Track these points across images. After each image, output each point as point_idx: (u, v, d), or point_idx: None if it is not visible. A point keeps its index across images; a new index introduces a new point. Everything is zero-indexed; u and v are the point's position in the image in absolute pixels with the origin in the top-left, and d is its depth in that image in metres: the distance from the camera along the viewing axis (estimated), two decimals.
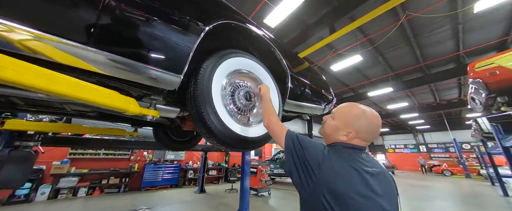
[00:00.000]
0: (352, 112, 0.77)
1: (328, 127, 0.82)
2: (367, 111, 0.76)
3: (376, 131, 0.76)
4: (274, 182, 8.56)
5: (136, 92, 0.94)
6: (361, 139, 0.75)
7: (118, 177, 6.49)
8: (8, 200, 4.69)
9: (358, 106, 0.79)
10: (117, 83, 0.83)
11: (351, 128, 0.74)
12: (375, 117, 0.76)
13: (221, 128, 0.91)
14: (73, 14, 0.64)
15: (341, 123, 0.77)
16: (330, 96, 2.05)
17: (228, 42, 1.23)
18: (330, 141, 0.81)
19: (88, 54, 0.65)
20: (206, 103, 0.88)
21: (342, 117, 0.79)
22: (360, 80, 10.58)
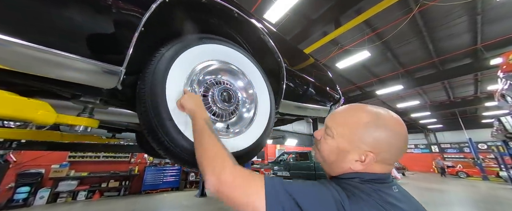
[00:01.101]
0: (360, 120, 0.48)
1: (326, 150, 0.52)
2: (383, 116, 0.48)
3: (404, 145, 0.48)
4: None
5: (66, 93, 0.68)
6: (384, 163, 0.47)
7: (118, 180, 6.38)
8: (6, 205, 4.63)
9: (366, 108, 0.50)
10: (21, 80, 0.57)
11: (365, 146, 0.46)
12: (398, 123, 0.48)
13: (183, 145, 0.64)
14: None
15: (346, 141, 0.48)
16: (336, 95, 1.75)
17: (204, 26, 0.95)
18: (334, 173, 0.51)
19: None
20: (157, 109, 0.61)
21: (345, 130, 0.49)
22: (368, 77, 10.08)
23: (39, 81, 0.57)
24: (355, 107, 0.52)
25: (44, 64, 0.51)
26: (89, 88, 0.62)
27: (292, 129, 14.85)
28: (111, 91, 0.69)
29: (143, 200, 5.79)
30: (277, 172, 8.44)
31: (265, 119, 0.96)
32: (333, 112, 0.55)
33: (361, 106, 0.52)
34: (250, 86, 0.95)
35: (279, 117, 1.46)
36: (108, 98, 0.73)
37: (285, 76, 1.14)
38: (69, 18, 0.53)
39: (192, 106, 0.62)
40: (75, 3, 0.54)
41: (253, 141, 0.88)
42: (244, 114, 0.91)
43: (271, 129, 0.99)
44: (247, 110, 0.92)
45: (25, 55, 0.48)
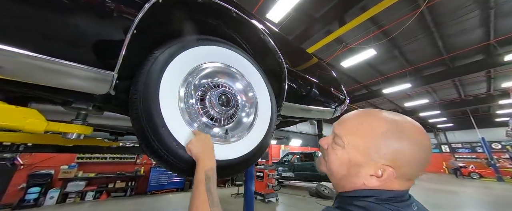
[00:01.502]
0: (376, 129, 0.41)
1: (335, 163, 0.45)
2: (403, 124, 0.41)
3: (428, 158, 0.41)
4: (282, 186, 8.17)
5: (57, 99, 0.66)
6: (404, 178, 0.40)
7: (125, 181, 6.48)
8: (18, 205, 4.78)
9: (382, 115, 0.43)
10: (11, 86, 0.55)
11: (383, 159, 0.39)
12: (421, 132, 0.41)
13: (178, 153, 0.61)
14: None
15: (360, 153, 0.42)
16: (341, 95, 1.68)
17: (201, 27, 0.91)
18: (345, 188, 0.45)
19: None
20: (150, 115, 0.58)
21: (358, 140, 0.42)
22: (374, 76, 9.84)
23: (26, 88, 0.55)
24: (369, 113, 0.45)
25: (30, 69, 0.48)
26: (80, 94, 0.60)
27: (296, 129, 14.70)
28: (105, 97, 0.67)
29: (149, 201, 5.85)
30: (282, 172, 8.36)
31: (266, 122, 0.91)
32: (343, 118, 0.48)
33: (376, 112, 0.45)
34: (249, 88, 0.91)
35: (282, 119, 1.41)
36: (101, 104, 0.71)
37: (287, 77, 1.10)
38: (55, 22, 0.50)
39: (198, 151, 0.60)
40: (62, 6, 0.51)
41: (253, 147, 0.84)
42: (243, 118, 0.87)
43: (272, 133, 0.95)
44: (246, 114, 0.89)
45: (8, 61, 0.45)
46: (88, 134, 0.67)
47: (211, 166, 0.58)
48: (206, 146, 0.63)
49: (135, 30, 0.62)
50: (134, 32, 0.61)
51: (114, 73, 0.59)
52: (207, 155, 0.61)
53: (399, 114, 0.44)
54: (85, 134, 0.66)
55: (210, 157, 0.61)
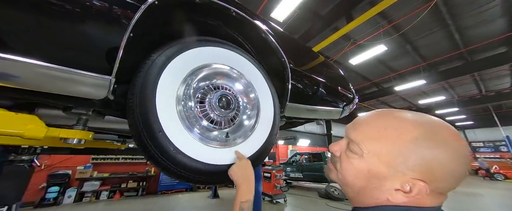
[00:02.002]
0: (405, 135, 0.34)
1: (350, 173, 0.39)
2: (438, 128, 0.34)
3: (466, 170, 0.34)
4: (290, 187, 8.06)
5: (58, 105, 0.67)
6: (437, 192, 0.34)
7: (136, 181, 6.69)
8: (39, 203, 5.07)
9: (409, 117, 0.36)
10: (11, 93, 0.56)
11: (412, 172, 0.33)
12: (459, 139, 0.34)
13: (176, 158, 0.59)
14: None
15: (383, 164, 0.35)
16: (349, 94, 1.60)
17: (201, 28, 0.90)
18: (363, 203, 0.38)
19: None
20: (146, 119, 0.57)
21: (380, 148, 0.36)
22: (385, 73, 9.46)
23: (28, 94, 0.56)
24: (392, 114, 0.38)
25: (38, 78, 0.49)
26: (80, 99, 0.60)
27: (304, 129, 14.48)
28: (104, 101, 0.66)
29: (159, 201, 6.00)
30: (290, 173, 8.25)
31: (268, 124, 0.88)
32: (359, 121, 0.41)
33: (400, 113, 0.37)
34: (250, 89, 0.88)
35: (287, 120, 1.37)
36: (101, 109, 0.71)
37: (290, 76, 1.05)
38: (55, 30, 0.50)
39: (238, 179, 0.63)
40: (58, 11, 0.51)
41: (256, 149, 0.81)
42: (245, 121, 0.84)
43: (276, 135, 0.91)
44: (248, 116, 0.86)
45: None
46: (88, 139, 0.67)
47: (248, 198, 0.58)
48: (246, 174, 0.64)
49: (131, 34, 0.61)
50: (130, 35, 0.60)
51: (112, 78, 0.58)
52: (245, 184, 0.61)
53: (428, 116, 0.37)
54: (86, 138, 0.66)
55: (249, 188, 0.61)
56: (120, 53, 0.59)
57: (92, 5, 0.54)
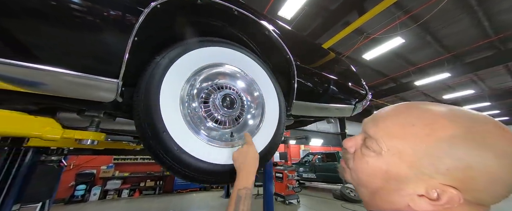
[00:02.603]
0: (437, 132, 0.29)
1: (365, 172, 0.35)
2: (479, 124, 0.28)
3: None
4: (303, 187, 7.90)
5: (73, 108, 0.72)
6: (475, 203, 0.28)
7: (154, 180, 7.03)
8: (69, 200, 5.54)
9: (444, 110, 0.31)
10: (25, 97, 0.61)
11: (441, 176, 0.28)
12: (508, 137, 0.27)
13: (180, 158, 0.60)
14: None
15: (406, 164, 0.30)
16: (362, 90, 1.52)
17: (204, 28, 0.91)
18: (378, 207, 0.34)
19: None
20: (151, 120, 0.58)
21: (404, 146, 0.31)
22: (403, 67, 8.88)
23: (47, 99, 0.60)
24: (423, 107, 0.32)
25: (60, 84, 0.53)
26: (91, 102, 0.63)
27: (316, 129, 14.10)
28: (114, 104, 0.70)
29: (175, 199, 6.23)
30: (303, 174, 8.09)
31: (274, 123, 0.86)
32: (380, 114, 0.36)
33: (434, 107, 0.32)
34: (255, 88, 0.87)
35: (295, 119, 1.34)
36: (112, 111, 0.74)
37: (297, 74, 1.03)
38: (60, 33, 0.54)
39: (238, 166, 0.62)
40: (66, 18, 0.55)
41: (261, 148, 0.79)
42: (249, 120, 0.83)
43: (282, 134, 0.89)
44: (252, 115, 0.85)
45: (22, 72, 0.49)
46: (101, 140, 0.71)
47: (245, 185, 0.57)
48: (246, 161, 0.62)
49: (136, 38, 0.63)
50: (135, 39, 0.62)
51: (119, 81, 0.61)
52: (245, 172, 0.60)
53: (468, 110, 0.30)
54: (98, 139, 0.70)
55: (248, 175, 0.60)
56: (126, 56, 0.61)
57: (100, 12, 0.58)
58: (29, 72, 0.50)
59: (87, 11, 0.56)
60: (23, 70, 0.49)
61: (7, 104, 0.73)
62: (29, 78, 0.50)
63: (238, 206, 0.51)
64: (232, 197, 0.54)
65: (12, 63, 0.48)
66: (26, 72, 0.50)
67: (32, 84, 0.52)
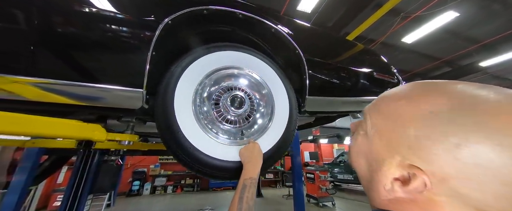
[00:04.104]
0: (420, 105, 0.24)
1: (352, 152, 0.33)
2: (483, 97, 0.21)
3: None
4: (339, 189, 7.33)
5: (114, 116, 0.88)
6: (467, 203, 0.21)
7: (192, 178, 7.74)
8: (128, 193, 6.64)
9: (441, 86, 0.25)
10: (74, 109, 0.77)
11: (413, 156, 0.23)
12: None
13: (195, 155, 0.67)
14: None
15: (384, 142, 0.27)
16: (392, 79, 1.34)
17: (214, 35, 0.98)
18: (371, 198, 0.30)
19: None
20: (168, 122, 0.67)
21: (387, 123, 0.28)
22: (460, 46, 7.28)
23: (91, 110, 0.76)
24: (423, 83, 0.28)
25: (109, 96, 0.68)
26: (124, 110, 0.77)
27: (349, 126, 12.88)
28: (143, 110, 0.82)
29: (210, 197, 6.71)
30: (337, 175, 7.52)
31: (284, 120, 0.86)
32: (385, 92, 0.33)
33: (437, 82, 0.27)
34: (263, 87, 0.88)
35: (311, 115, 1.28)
36: (142, 116, 0.88)
37: (309, 69, 0.99)
38: (107, 57, 0.68)
39: (244, 159, 0.69)
40: (110, 44, 0.69)
41: (272, 145, 0.80)
42: (258, 118, 0.85)
43: (293, 131, 0.87)
44: (262, 114, 0.86)
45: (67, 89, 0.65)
46: (135, 141, 0.85)
47: (251, 176, 0.62)
48: (252, 156, 0.68)
49: (153, 52, 0.73)
50: (153, 53, 0.73)
51: (143, 90, 0.72)
52: (250, 165, 0.66)
53: (486, 85, 0.23)
54: (133, 140, 0.84)
55: (253, 167, 0.65)
56: (146, 69, 0.72)
57: (129, 35, 0.71)
58: (87, 90, 0.65)
59: (122, 36, 0.70)
60: (84, 89, 0.65)
61: (74, 116, 0.95)
62: (86, 94, 0.66)
63: (243, 193, 0.56)
64: (239, 186, 0.59)
65: (78, 84, 0.64)
66: (85, 90, 0.65)
67: (89, 99, 0.67)
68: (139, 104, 0.74)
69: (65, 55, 0.66)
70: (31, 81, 0.62)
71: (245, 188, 0.58)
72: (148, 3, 0.78)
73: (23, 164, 2.21)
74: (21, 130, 0.61)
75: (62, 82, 0.64)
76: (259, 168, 0.66)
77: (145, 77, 0.72)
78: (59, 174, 5.26)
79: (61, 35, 0.65)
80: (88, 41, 0.67)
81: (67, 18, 0.66)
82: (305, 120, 1.58)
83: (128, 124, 0.86)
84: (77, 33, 0.66)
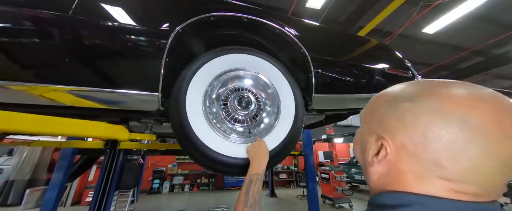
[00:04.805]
0: (386, 96, 0.32)
1: (354, 142, 0.37)
2: (445, 83, 0.27)
3: (498, 147, 0.21)
4: (357, 191, 7.02)
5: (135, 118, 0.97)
6: (438, 177, 0.23)
7: (207, 177, 7.99)
8: (149, 191, 7.08)
9: (412, 82, 0.31)
10: (101, 112, 0.87)
11: (381, 129, 0.29)
12: (480, 93, 0.24)
13: (205, 152, 0.72)
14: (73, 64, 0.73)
15: (366, 126, 0.34)
16: (406, 74, 1.28)
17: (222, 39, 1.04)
18: (378, 189, 0.30)
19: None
20: (180, 123, 0.73)
21: (372, 111, 0.33)
22: (492, 33, 6.54)
23: (115, 113, 0.86)
24: (404, 83, 0.33)
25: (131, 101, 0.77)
26: (143, 112, 0.85)
27: None
28: (160, 112, 0.90)
29: (225, 195, 6.87)
30: (354, 175, 7.22)
31: (290, 119, 0.88)
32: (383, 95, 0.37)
33: (412, 82, 0.32)
34: (268, 87, 0.92)
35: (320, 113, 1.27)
36: (159, 117, 0.96)
37: (314, 67, 1.00)
38: (129, 65, 0.78)
39: (250, 156, 0.74)
40: (130, 54, 0.77)
41: (278, 143, 0.83)
42: (265, 117, 0.88)
43: (300, 128, 0.89)
44: (268, 113, 0.90)
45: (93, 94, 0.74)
46: (153, 140, 0.94)
47: (256, 172, 0.66)
48: (258, 153, 0.72)
49: (167, 58, 0.80)
50: (166, 60, 0.80)
51: (159, 93, 0.79)
52: (256, 161, 0.70)
53: (447, 80, 0.28)
54: (152, 140, 0.93)
55: (259, 164, 0.69)
56: (161, 74, 0.79)
57: (146, 44, 0.80)
58: (111, 95, 0.74)
59: (140, 46, 0.80)
60: (107, 94, 0.74)
61: (101, 118, 1.07)
62: (110, 99, 0.75)
63: (249, 188, 0.60)
64: (246, 181, 0.63)
65: (104, 90, 0.73)
66: (109, 95, 0.74)
67: (113, 103, 0.76)
68: (155, 106, 0.81)
69: (93, 65, 0.76)
70: (67, 89, 0.73)
71: (251, 183, 0.61)
72: (160, 14, 0.85)
73: (61, 163, 2.48)
74: (64, 131, 0.72)
75: (91, 89, 0.74)
76: (265, 164, 0.69)
77: (160, 81, 0.79)
78: (90, 173, 5.80)
79: (90, 48, 0.75)
80: (112, 52, 0.76)
81: (95, 33, 0.75)
82: (314, 119, 1.57)
83: (147, 125, 0.95)
84: (103, 46, 0.76)
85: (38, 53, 0.73)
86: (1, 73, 0.71)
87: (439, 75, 9.23)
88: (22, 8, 0.70)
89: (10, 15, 0.69)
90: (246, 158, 0.76)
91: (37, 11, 0.71)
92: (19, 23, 0.70)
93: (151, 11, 0.86)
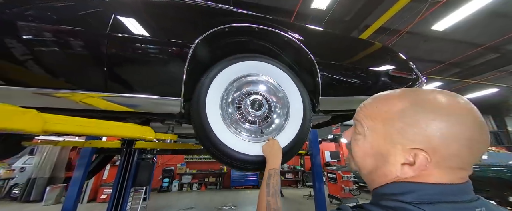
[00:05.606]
0: (394, 107, 0.36)
1: (359, 154, 0.40)
2: (426, 93, 0.35)
3: (479, 135, 0.30)
4: (364, 191, 6.95)
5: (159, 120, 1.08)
6: (448, 166, 0.31)
7: (215, 177, 8.16)
8: (159, 189, 7.31)
9: (401, 92, 0.38)
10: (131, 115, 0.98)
11: (411, 142, 0.32)
12: (452, 99, 0.33)
13: (224, 150, 0.81)
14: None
15: (381, 138, 0.36)
16: (410, 76, 1.33)
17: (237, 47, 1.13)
18: (377, 183, 0.37)
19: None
20: (201, 124, 0.82)
21: (377, 124, 0.37)
22: (507, 28, 6.30)
23: (140, 115, 0.96)
24: (392, 91, 0.39)
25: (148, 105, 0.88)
26: (166, 115, 0.96)
27: None
28: (181, 114, 1.01)
29: (232, 195, 6.99)
30: None
31: (298, 119, 0.96)
32: (365, 100, 0.43)
33: (391, 91, 0.39)
34: (278, 90, 1.00)
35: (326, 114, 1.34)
36: (180, 119, 1.06)
37: (321, 71, 1.07)
38: (148, 73, 0.88)
39: (266, 154, 0.81)
40: (153, 62, 0.88)
41: (287, 142, 0.91)
42: (275, 119, 0.97)
43: (308, 128, 0.96)
44: (278, 114, 0.98)
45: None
46: (175, 140, 1.04)
47: (273, 167, 0.74)
48: (272, 150, 0.80)
49: (188, 67, 0.90)
50: (188, 67, 0.90)
51: (181, 98, 0.89)
52: (272, 158, 0.78)
53: (421, 88, 0.38)
54: (173, 139, 1.03)
55: (275, 160, 0.77)
56: (183, 81, 0.89)
57: (171, 54, 0.91)
58: (139, 100, 0.85)
59: (165, 56, 0.90)
60: (137, 99, 0.85)
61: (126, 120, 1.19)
62: (138, 103, 0.86)
63: (269, 180, 0.68)
64: (265, 175, 0.71)
65: (133, 96, 0.84)
66: (138, 100, 0.85)
67: (141, 107, 0.87)
68: (178, 109, 0.91)
69: (125, 74, 0.87)
70: (101, 95, 0.84)
71: (270, 176, 0.69)
72: (183, 28, 0.96)
73: (80, 161, 2.65)
74: (106, 132, 0.83)
75: (122, 95, 0.85)
76: (280, 160, 0.78)
77: (182, 87, 0.89)
78: (104, 171, 6.09)
79: (122, 59, 0.86)
80: (141, 63, 0.87)
81: (128, 45, 0.87)
82: (321, 119, 1.63)
83: (169, 126, 1.06)
84: (133, 57, 0.86)
85: (78, 65, 0.85)
86: (46, 82, 0.83)
87: (451, 73, 8.94)
88: (68, 27, 0.82)
89: (58, 33, 0.81)
90: (259, 155, 0.85)
91: (80, 29, 0.82)
92: (65, 39, 0.82)
93: (175, 26, 0.97)
